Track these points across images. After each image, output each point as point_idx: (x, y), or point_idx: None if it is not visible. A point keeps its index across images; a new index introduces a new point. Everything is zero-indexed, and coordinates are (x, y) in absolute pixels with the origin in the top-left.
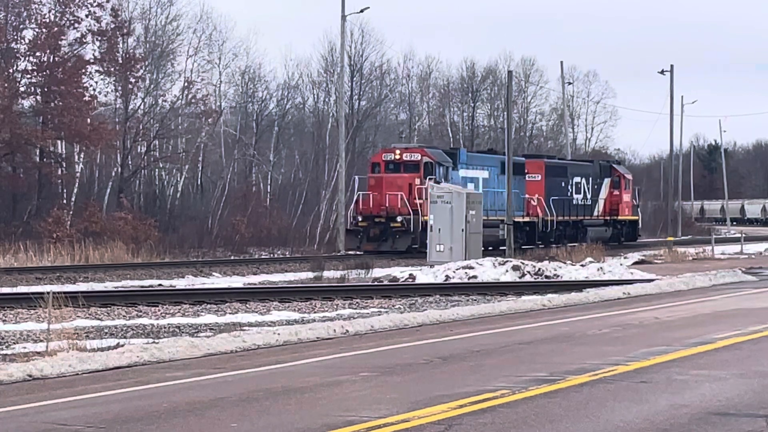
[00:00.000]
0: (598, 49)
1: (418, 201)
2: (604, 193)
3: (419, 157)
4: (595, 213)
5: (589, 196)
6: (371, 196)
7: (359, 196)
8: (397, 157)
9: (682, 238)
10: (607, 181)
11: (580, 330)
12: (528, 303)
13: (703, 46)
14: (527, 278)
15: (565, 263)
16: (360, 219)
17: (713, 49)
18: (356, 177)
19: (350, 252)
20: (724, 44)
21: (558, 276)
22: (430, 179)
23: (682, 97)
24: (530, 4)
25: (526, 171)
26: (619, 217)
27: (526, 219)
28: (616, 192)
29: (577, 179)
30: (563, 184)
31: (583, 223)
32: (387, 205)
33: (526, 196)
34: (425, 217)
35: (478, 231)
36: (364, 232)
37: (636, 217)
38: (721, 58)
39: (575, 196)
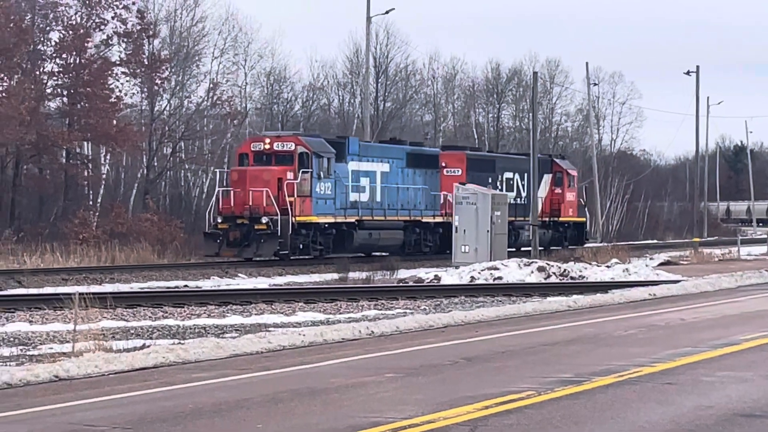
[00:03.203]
0: (624, 49)
1: (289, 198)
2: (543, 191)
3: (293, 147)
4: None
5: (523, 195)
6: (233, 193)
7: (219, 193)
8: (267, 146)
9: (708, 239)
10: (547, 178)
11: (605, 331)
12: (553, 304)
13: (729, 47)
14: (552, 279)
15: (590, 264)
16: (220, 220)
17: (740, 49)
18: (218, 171)
19: (209, 259)
20: (751, 45)
21: (583, 277)
22: (304, 173)
23: (708, 98)
24: (555, 5)
25: (443, 164)
26: (561, 219)
27: (439, 219)
28: (558, 190)
29: (508, 175)
30: (490, 180)
31: (515, 225)
32: (251, 203)
33: (443, 193)
34: (298, 218)
35: (503, 232)
36: (223, 235)
37: (582, 219)
38: (748, 59)
39: (506, 194)
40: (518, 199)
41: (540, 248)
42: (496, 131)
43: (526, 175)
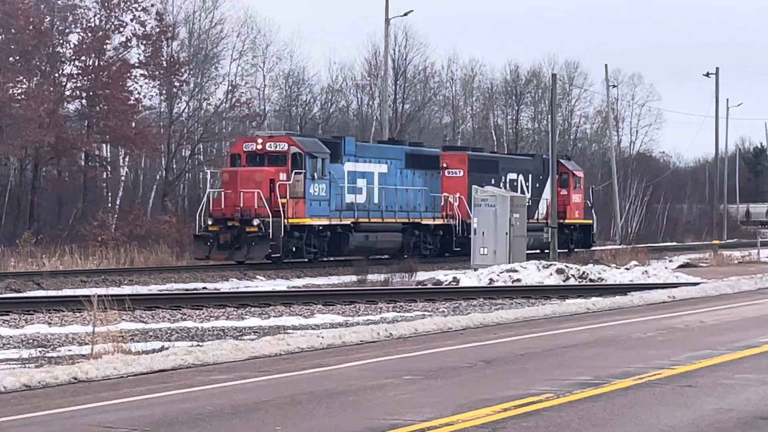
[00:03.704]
0: (643, 51)
1: (281, 200)
2: (548, 193)
3: (286, 147)
4: (536, 216)
5: (528, 196)
6: (224, 194)
7: (209, 195)
8: (259, 147)
9: (728, 241)
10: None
11: (624, 333)
12: (572, 306)
13: (749, 49)
14: (571, 281)
15: (609, 266)
16: (210, 222)
17: (760, 51)
18: (209, 171)
19: (200, 263)
20: None
21: (602, 279)
22: (297, 173)
23: (727, 99)
24: (574, 6)
25: (444, 165)
26: (567, 221)
27: (439, 221)
28: (564, 191)
29: (512, 176)
30: (493, 182)
31: None
32: (242, 205)
33: (444, 194)
34: (290, 220)
35: (522, 234)
36: (214, 238)
37: (589, 221)
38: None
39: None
40: None
41: (537, 251)
42: (515, 133)
43: (530, 176)
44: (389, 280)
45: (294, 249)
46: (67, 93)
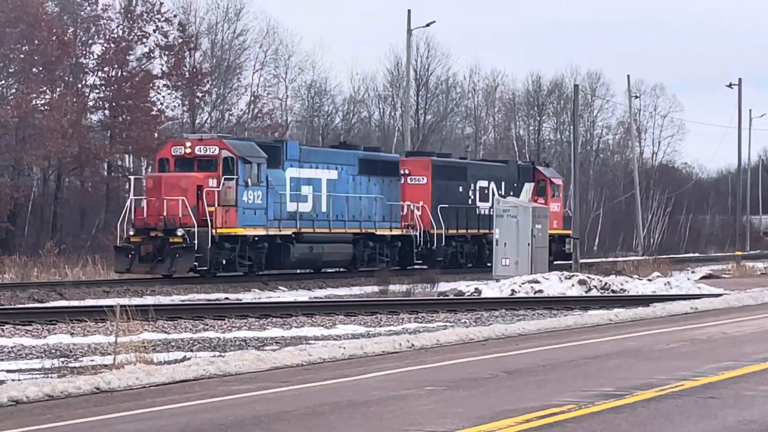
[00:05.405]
0: (666, 62)
1: (209, 208)
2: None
3: (216, 151)
4: None
5: None
6: (147, 202)
7: (131, 203)
8: (188, 150)
9: (751, 252)
10: (528, 187)
11: (647, 345)
12: (594, 318)
13: None
14: (593, 293)
15: (631, 277)
16: (132, 233)
17: None
18: (133, 178)
19: (123, 276)
20: None
21: (624, 290)
22: (228, 179)
23: (750, 110)
24: (596, 17)
25: (406, 171)
26: None
27: (397, 232)
28: (541, 200)
29: (482, 183)
30: (461, 189)
31: (488, 239)
32: (165, 214)
33: (405, 203)
34: (219, 230)
35: (544, 245)
36: (136, 249)
37: (568, 231)
38: None
39: (480, 204)
40: (493, 210)
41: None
42: (536, 144)
43: (503, 183)
44: (411, 291)
45: (224, 262)
46: (90, 104)
